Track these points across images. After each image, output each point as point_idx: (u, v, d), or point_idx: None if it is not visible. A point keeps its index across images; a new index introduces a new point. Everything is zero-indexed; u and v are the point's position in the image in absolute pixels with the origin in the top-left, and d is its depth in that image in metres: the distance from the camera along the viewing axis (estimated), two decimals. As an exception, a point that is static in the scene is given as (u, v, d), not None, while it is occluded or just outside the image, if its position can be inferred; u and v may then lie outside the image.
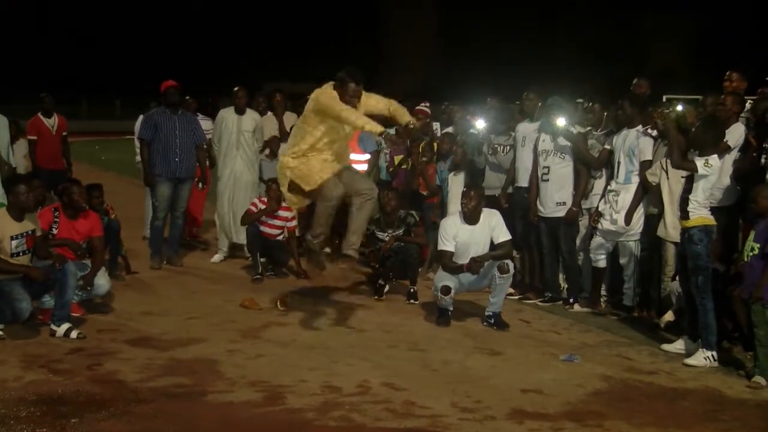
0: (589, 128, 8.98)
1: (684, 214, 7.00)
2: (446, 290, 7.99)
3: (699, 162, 6.85)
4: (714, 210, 7.10)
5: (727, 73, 8.21)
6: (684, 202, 7.00)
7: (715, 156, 7.00)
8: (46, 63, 48.18)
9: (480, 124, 9.89)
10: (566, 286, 9.00)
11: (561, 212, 8.71)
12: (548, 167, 8.77)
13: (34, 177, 8.57)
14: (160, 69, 20.15)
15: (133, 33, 53.09)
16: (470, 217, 8.15)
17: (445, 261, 8.16)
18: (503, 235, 8.15)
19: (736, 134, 7.75)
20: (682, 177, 7.12)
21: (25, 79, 40.14)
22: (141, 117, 10.96)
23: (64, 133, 12.45)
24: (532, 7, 47.03)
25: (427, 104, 11.62)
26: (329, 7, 54.52)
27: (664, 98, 15.10)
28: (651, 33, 41.56)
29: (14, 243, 7.19)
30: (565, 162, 8.71)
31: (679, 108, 8.31)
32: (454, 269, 8.08)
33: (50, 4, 54.16)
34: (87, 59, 50.44)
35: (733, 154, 7.73)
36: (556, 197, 8.72)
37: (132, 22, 55.30)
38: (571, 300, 8.79)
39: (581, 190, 8.71)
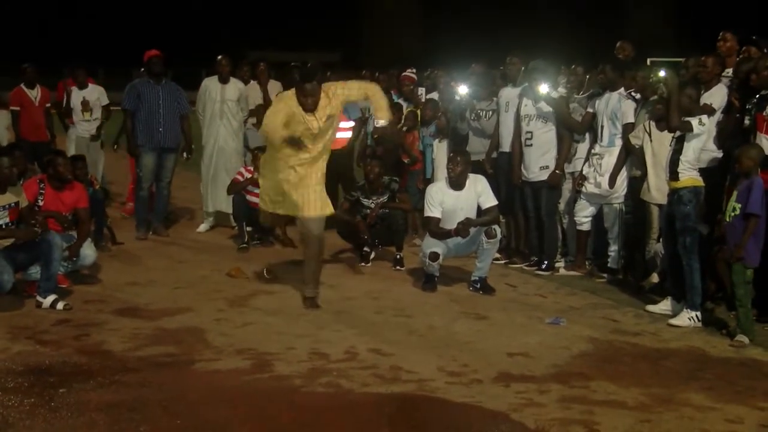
0: (568, 91, 8.94)
1: (673, 175, 7.03)
2: (434, 256, 8.01)
3: (694, 121, 6.89)
4: (698, 172, 7.13)
5: (721, 33, 8.19)
6: (673, 163, 7.03)
7: (706, 115, 7.04)
8: (27, 33, 47.62)
9: (462, 89, 9.87)
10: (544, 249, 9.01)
11: (545, 176, 8.72)
12: (531, 132, 8.76)
13: (15, 148, 8.48)
14: (143, 38, 19.95)
15: (116, 1, 52.48)
16: (456, 182, 8.15)
17: (432, 227, 8.17)
18: (490, 200, 8.17)
19: (719, 96, 7.75)
20: (673, 137, 7.13)
21: (6, 49, 39.70)
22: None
23: (48, 104, 12.35)
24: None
25: (413, 70, 11.60)
26: (312, -26, 54.06)
27: (648, 61, 15.12)
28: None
29: (-4, 215, 7.15)
30: (547, 126, 8.71)
31: (662, 73, 8.31)
32: (442, 235, 8.09)
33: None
34: (69, 28, 49.88)
35: (717, 116, 7.74)
36: (539, 162, 8.73)
37: (114, -10, 54.69)
38: (545, 264, 8.82)
39: (564, 154, 8.72)
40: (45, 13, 50.73)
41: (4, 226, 7.19)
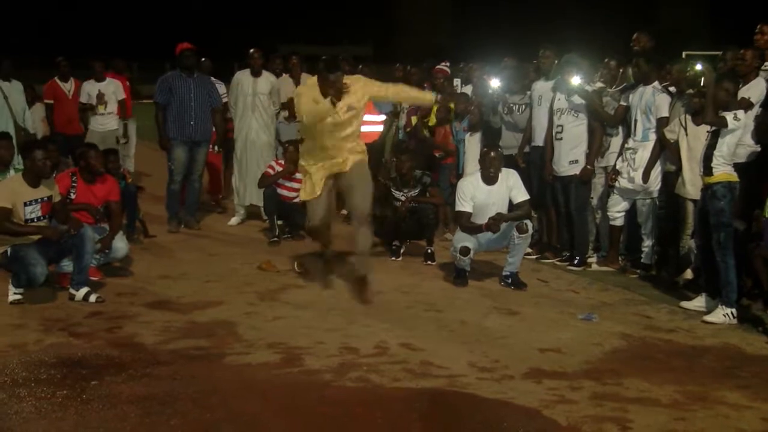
0: (603, 86, 8.85)
1: (707, 171, 6.94)
2: (465, 251, 7.97)
3: (729, 116, 6.79)
4: (735, 167, 7.03)
5: (758, 26, 8.04)
6: (707, 158, 6.94)
7: (742, 110, 6.94)
8: (61, 27, 48.03)
9: (495, 83, 9.81)
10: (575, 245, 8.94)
11: (574, 171, 8.65)
12: (562, 126, 8.69)
13: (49, 141, 8.56)
14: (175, 31, 20.05)
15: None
16: (489, 177, 8.10)
17: (463, 222, 8.12)
18: (522, 195, 8.11)
19: (757, 90, 7.63)
20: (708, 131, 7.04)
21: (40, 43, 40.07)
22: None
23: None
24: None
25: (447, 63, 11.56)
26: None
27: (684, 54, 14.94)
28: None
29: (28, 209, 7.17)
30: (578, 120, 8.63)
31: (698, 67, 8.21)
32: (473, 229, 8.05)
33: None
34: (102, 23, 50.26)
35: (755, 110, 7.63)
36: (569, 156, 8.65)
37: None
38: (576, 260, 8.74)
39: (595, 149, 8.63)
40: (80, 7, 51.12)
41: (35, 220, 7.23)
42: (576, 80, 8.50)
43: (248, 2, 52.92)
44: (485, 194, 8.08)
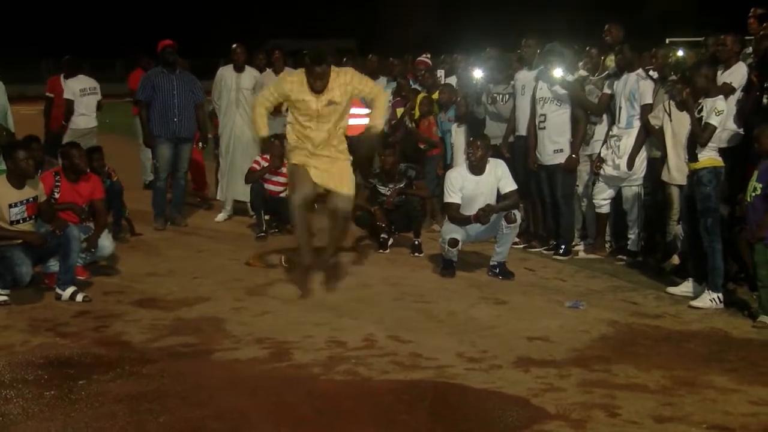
0: (585, 74, 8.85)
1: (692, 156, 6.96)
2: (454, 242, 7.97)
3: (714, 120, 6.78)
4: (719, 152, 7.05)
5: (752, 9, 8.02)
6: (692, 144, 6.95)
7: (722, 98, 6.95)
8: (45, 25, 47.85)
9: (477, 73, 9.81)
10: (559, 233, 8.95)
11: (558, 159, 8.65)
12: (545, 115, 8.69)
13: (31, 140, 8.51)
14: (157, 28, 19.96)
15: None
16: (476, 167, 8.09)
17: (452, 213, 8.11)
18: (510, 185, 8.10)
19: (738, 74, 7.66)
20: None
21: (23, 42, 39.89)
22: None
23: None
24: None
25: (428, 55, 11.57)
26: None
27: (667, 41, 14.98)
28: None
29: (14, 211, 7.13)
30: (561, 109, 8.63)
31: (680, 53, 8.23)
32: (462, 220, 8.04)
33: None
34: (84, 20, 50.06)
35: (737, 95, 7.65)
36: (553, 145, 8.66)
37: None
38: (562, 249, 8.76)
39: (579, 138, 8.64)
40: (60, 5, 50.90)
41: (22, 221, 7.19)
42: (558, 72, 8.49)
43: (231, -2, 52.78)
44: (473, 185, 8.07)
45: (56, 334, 6.32)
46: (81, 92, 11.92)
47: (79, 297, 7.14)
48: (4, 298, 7.05)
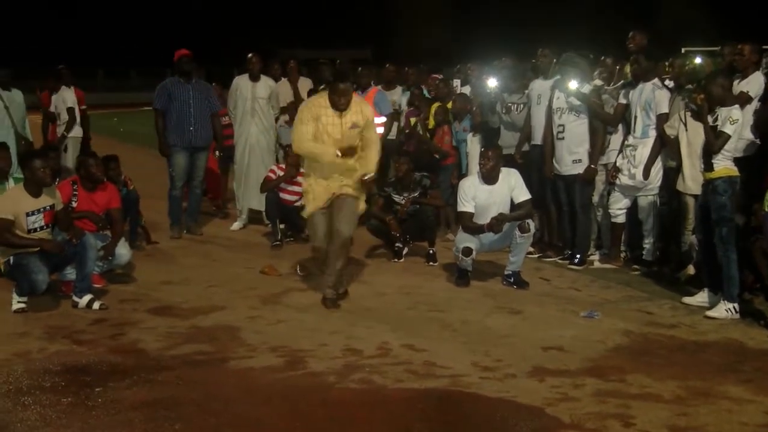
0: (601, 83, 8.84)
1: (708, 166, 6.94)
2: (467, 251, 7.97)
3: (728, 129, 6.76)
4: (735, 161, 7.03)
5: None
6: (707, 153, 6.94)
7: (737, 107, 6.94)
8: (59, 36, 48.13)
9: (492, 83, 9.82)
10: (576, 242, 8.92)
11: (577, 170, 8.64)
12: (563, 125, 8.68)
13: (49, 149, 8.58)
14: (173, 38, 20.08)
15: (146, 2, 52.90)
16: (489, 177, 8.10)
17: (465, 222, 8.13)
18: (523, 194, 8.10)
19: (756, 84, 7.66)
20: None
21: (39, 52, 40.13)
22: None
23: (83, 106, 12.48)
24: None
25: (441, 76, 11.68)
26: (342, -28, 54.10)
27: (683, 50, 14.92)
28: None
29: (30, 219, 7.18)
30: (580, 119, 8.62)
31: (697, 60, 8.20)
32: (475, 230, 8.05)
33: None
34: (100, 31, 50.37)
35: (754, 105, 7.64)
36: (572, 155, 8.65)
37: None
38: (577, 258, 8.74)
39: (598, 148, 8.62)
40: (77, 16, 51.23)
41: (39, 229, 7.24)
42: (573, 84, 8.48)
43: (247, 8, 52.97)
44: (486, 194, 8.08)
45: (73, 342, 6.35)
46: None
47: (96, 305, 7.18)
48: (22, 305, 7.10)
